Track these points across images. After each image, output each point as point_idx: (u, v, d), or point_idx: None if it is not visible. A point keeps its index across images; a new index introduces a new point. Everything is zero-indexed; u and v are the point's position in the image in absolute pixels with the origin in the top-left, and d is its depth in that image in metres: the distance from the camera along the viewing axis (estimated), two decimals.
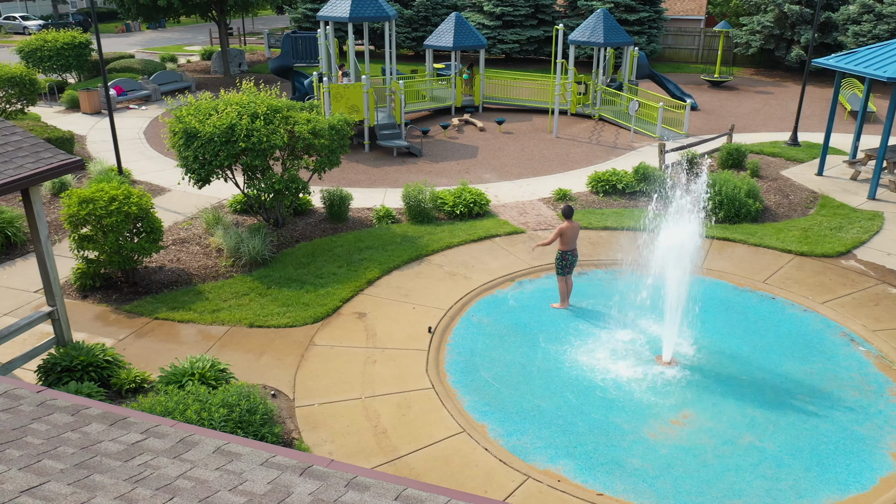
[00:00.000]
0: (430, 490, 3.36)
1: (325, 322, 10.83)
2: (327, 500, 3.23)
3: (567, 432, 8.45)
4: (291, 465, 3.53)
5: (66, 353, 9.05)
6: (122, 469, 3.32)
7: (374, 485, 3.40)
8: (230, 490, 3.23)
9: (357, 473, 3.50)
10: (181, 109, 12.75)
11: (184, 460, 3.51)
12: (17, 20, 48.69)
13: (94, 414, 3.90)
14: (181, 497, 3.11)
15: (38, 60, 25.04)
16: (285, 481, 3.36)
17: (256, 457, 3.58)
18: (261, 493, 3.22)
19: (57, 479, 3.14)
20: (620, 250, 13.16)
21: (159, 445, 3.62)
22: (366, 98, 19.19)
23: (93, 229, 11.23)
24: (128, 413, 3.92)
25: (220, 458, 3.54)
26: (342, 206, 14.36)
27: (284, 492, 3.27)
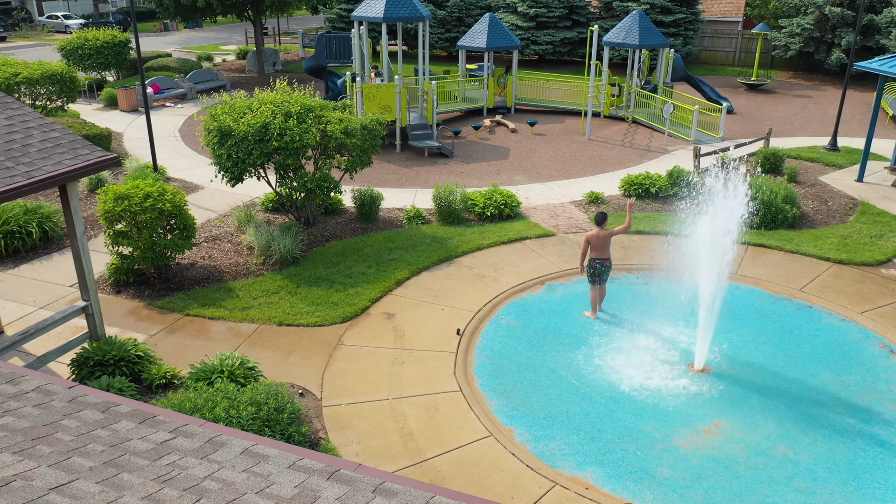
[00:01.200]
0: (458, 498, 3.30)
1: (354, 322, 10.84)
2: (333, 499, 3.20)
3: (595, 439, 8.33)
4: (319, 468, 3.50)
5: (99, 347, 9.18)
6: (150, 468, 3.32)
7: (401, 491, 3.36)
8: (257, 493, 3.21)
9: (384, 479, 3.46)
10: (216, 108, 12.87)
11: (211, 461, 3.50)
12: (59, 19, 49.75)
13: (124, 411, 3.92)
14: (208, 499, 3.10)
15: (78, 59, 25.53)
16: (312, 485, 3.34)
17: (284, 459, 3.56)
18: (288, 497, 3.20)
19: (85, 477, 3.16)
20: (653, 255, 12.97)
21: (187, 445, 3.62)
22: (398, 98, 19.21)
23: (127, 225, 11.37)
24: (157, 412, 3.93)
25: (247, 460, 3.53)
26: (373, 205, 14.38)
27: (311, 496, 3.24)
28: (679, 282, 11.05)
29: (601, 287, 10.97)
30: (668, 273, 12.08)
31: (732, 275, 12.40)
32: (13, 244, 12.92)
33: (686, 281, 10.35)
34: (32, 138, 8.60)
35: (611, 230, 10.70)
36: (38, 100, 19.47)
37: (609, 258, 10.74)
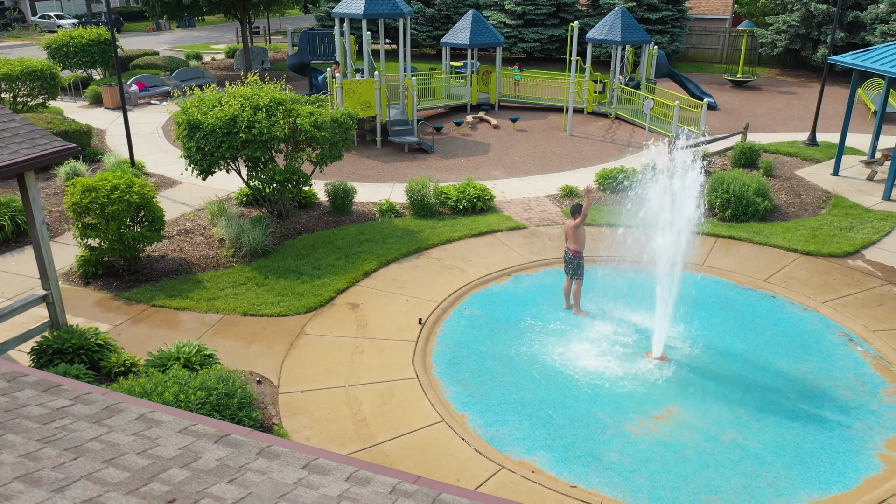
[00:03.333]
0: (337, 460, 3.37)
1: (318, 312, 10.90)
2: (233, 465, 3.26)
3: (547, 424, 8.39)
4: (210, 433, 3.56)
5: (59, 336, 9.24)
6: (37, 430, 3.39)
7: (285, 454, 3.42)
8: (138, 453, 3.28)
9: (272, 443, 3.52)
10: (186, 102, 12.94)
11: (103, 425, 3.57)
12: (51, 18, 49.86)
13: (30, 381, 3.99)
14: (86, 457, 3.16)
15: (64, 56, 25.61)
16: (198, 447, 3.40)
17: (177, 424, 3.62)
18: (168, 457, 3.26)
19: None
20: (620, 246, 13.02)
21: (84, 411, 3.69)
22: (378, 94, 19.27)
23: (96, 217, 11.44)
24: (63, 381, 4.00)
25: (139, 425, 3.60)
26: (345, 199, 14.45)
27: (192, 456, 3.30)
28: (643, 272, 11.11)
29: (569, 280, 10.97)
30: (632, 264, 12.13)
31: (700, 266, 12.47)
32: None
33: (646, 271, 10.42)
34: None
35: (570, 221, 10.75)
36: (18, 96, 19.55)
37: (573, 250, 10.72)
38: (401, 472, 3.29)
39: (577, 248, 10.65)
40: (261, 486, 3.09)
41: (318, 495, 3.06)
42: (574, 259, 10.74)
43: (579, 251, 10.66)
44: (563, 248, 10.94)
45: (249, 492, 3.02)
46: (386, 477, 3.25)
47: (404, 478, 3.26)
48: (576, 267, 10.77)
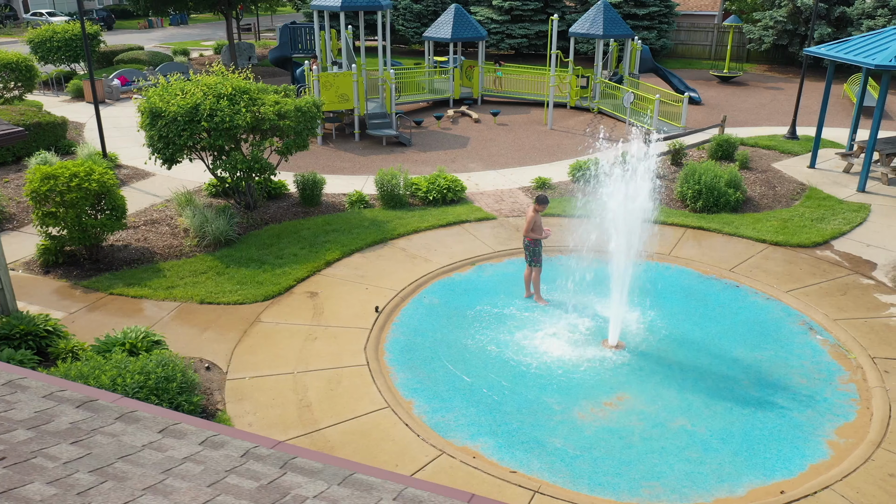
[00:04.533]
0: (197, 425, 3.28)
1: (276, 300, 10.82)
2: (86, 428, 3.18)
3: (494, 411, 8.30)
4: (73, 398, 3.48)
5: (8, 322, 9.15)
6: None
7: (146, 418, 3.33)
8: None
9: (137, 409, 3.43)
10: (150, 91, 12.86)
11: None
12: (43, 16, 49.81)
13: None
14: None
15: (46, 51, 25.53)
16: (55, 412, 3.31)
17: (43, 390, 3.54)
18: (17, 419, 3.18)
19: None
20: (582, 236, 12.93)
21: None
22: (355, 87, 19.19)
23: (55, 206, 11.36)
24: None
25: (7, 388, 3.51)
26: (315, 190, 14.37)
27: (45, 419, 3.22)
28: (600, 260, 11.02)
29: (528, 268, 10.88)
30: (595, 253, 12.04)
31: (665, 255, 12.38)
32: None
33: (605, 259, 10.33)
34: None
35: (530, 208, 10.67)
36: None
37: (529, 237, 10.61)
38: (260, 437, 3.21)
39: (533, 236, 10.57)
40: (105, 447, 3.00)
41: (163, 456, 2.97)
42: (530, 246, 10.66)
43: (535, 238, 10.57)
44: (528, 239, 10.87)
45: (89, 452, 2.93)
46: (243, 441, 3.16)
47: (262, 442, 3.17)
48: (532, 254, 10.69)
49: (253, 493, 2.72)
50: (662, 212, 14.07)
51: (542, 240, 10.64)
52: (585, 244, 11.74)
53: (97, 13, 51.37)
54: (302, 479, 2.89)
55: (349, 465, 3.04)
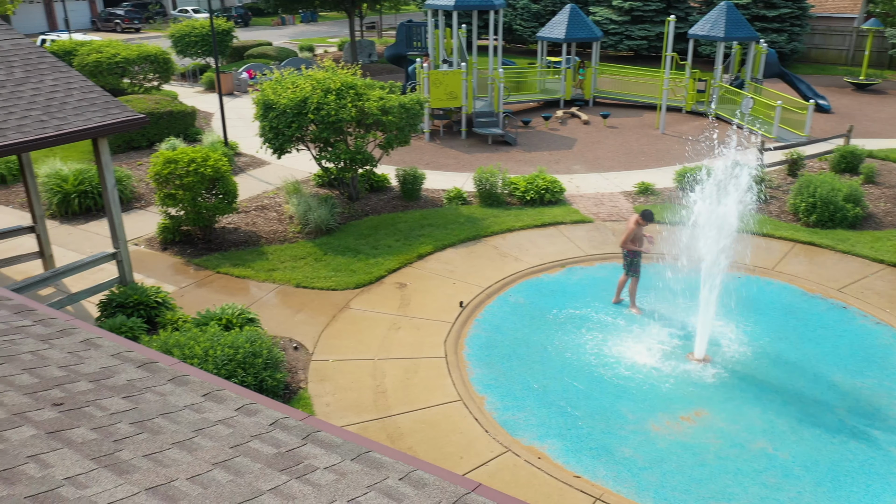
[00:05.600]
0: (239, 393, 3.52)
1: (367, 289, 11.19)
2: (139, 386, 3.50)
3: (565, 414, 8.24)
4: (136, 358, 3.82)
5: (124, 291, 10.01)
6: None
7: (195, 382, 3.62)
8: (62, 366, 3.57)
9: (189, 373, 3.73)
10: (265, 84, 13.61)
11: (53, 345, 3.90)
12: (188, 13, 53.50)
13: (10, 304, 4.41)
14: (10, 364, 3.49)
15: (185, 46, 27.45)
16: (118, 369, 3.66)
17: (113, 349, 3.91)
18: (84, 373, 3.54)
19: None
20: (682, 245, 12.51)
21: (39, 331, 4.04)
22: (464, 85, 19.42)
23: (175, 188, 12.27)
24: (35, 306, 4.40)
25: (81, 346, 3.91)
26: (415, 184, 14.70)
27: (107, 374, 3.56)
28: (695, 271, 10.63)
29: (625, 275, 10.65)
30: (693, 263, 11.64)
31: (768, 270, 11.78)
32: (86, 203, 14.20)
33: (699, 270, 9.97)
34: (71, 97, 9.51)
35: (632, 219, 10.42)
36: (134, 78, 21.20)
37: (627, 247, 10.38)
38: (290, 409, 3.41)
39: (630, 247, 10.35)
40: (151, 404, 3.29)
41: (199, 417, 3.23)
42: (627, 255, 10.45)
43: (633, 250, 10.35)
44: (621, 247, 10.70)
45: (136, 407, 3.23)
46: (274, 411, 3.38)
47: (292, 413, 3.37)
48: (629, 264, 10.48)
49: (269, 458, 2.91)
50: (770, 224, 13.38)
51: (642, 251, 10.42)
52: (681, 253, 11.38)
53: (235, 10, 54.57)
54: (319, 451, 3.05)
55: (367, 443, 3.18)
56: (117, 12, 50.39)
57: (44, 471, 2.49)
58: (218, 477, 2.67)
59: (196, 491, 2.54)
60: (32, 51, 10.12)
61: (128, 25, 49.88)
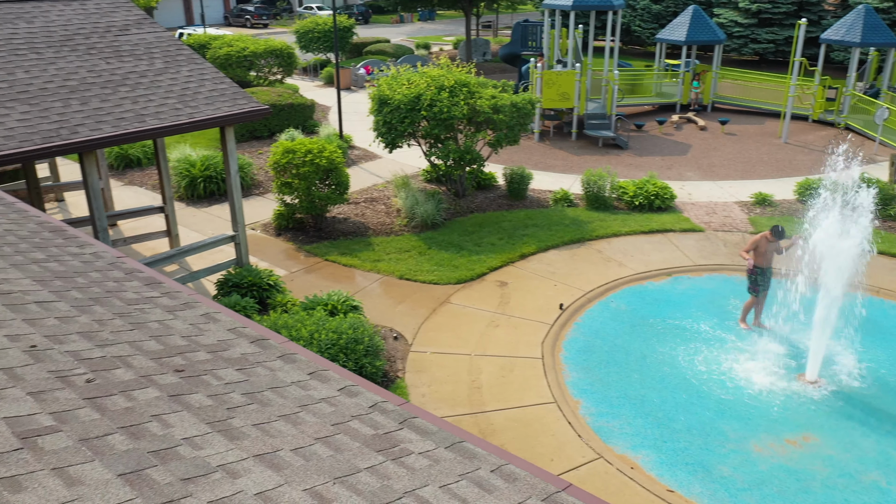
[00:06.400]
0: (342, 375, 3.69)
1: (468, 285, 11.32)
2: (252, 360, 3.73)
3: (662, 426, 8.04)
4: (250, 334, 4.07)
5: (240, 272, 10.60)
6: (121, 307, 4.11)
7: (302, 360, 3.82)
8: (184, 336, 3.86)
9: (296, 352, 3.94)
10: (381, 79, 13.99)
11: (177, 316, 4.22)
12: (313, 9, 55.59)
13: (141, 276, 4.80)
14: (140, 330, 3.80)
15: (308, 41, 28.59)
16: (233, 343, 3.92)
17: (229, 324, 4.18)
18: (203, 343, 3.81)
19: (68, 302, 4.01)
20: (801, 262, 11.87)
21: (166, 303, 4.38)
22: (577, 86, 19.21)
23: (291, 177, 12.85)
24: (163, 280, 4.76)
25: (201, 319, 4.20)
26: (521, 184, 14.71)
27: (224, 347, 3.82)
28: (812, 289, 10.07)
29: (758, 299, 10.17)
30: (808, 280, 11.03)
31: (894, 293, 10.99)
32: (210, 187, 15.10)
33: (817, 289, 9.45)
34: (204, 87, 10.16)
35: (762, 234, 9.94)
36: (259, 71, 22.28)
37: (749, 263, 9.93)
38: (389, 394, 3.54)
39: (747, 257, 9.91)
40: (262, 377, 3.51)
41: (304, 394, 3.41)
42: (750, 272, 10.00)
43: (759, 266, 9.89)
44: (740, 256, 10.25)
45: (247, 379, 3.45)
46: (373, 394, 3.52)
47: (391, 398, 3.50)
48: (750, 281, 10.02)
49: (367, 439, 3.04)
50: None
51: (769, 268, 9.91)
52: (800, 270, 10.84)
53: (357, 8, 56.21)
54: (414, 437, 3.16)
55: (460, 433, 3.25)
56: (248, 8, 53.08)
57: (165, 430, 2.72)
58: (319, 451, 2.82)
59: (299, 462, 2.69)
60: (172, 43, 10.87)
61: (256, 21, 52.42)
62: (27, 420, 2.54)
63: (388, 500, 2.56)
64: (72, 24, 10.37)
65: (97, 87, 9.30)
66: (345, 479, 2.64)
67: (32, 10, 10.36)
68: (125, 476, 2.30)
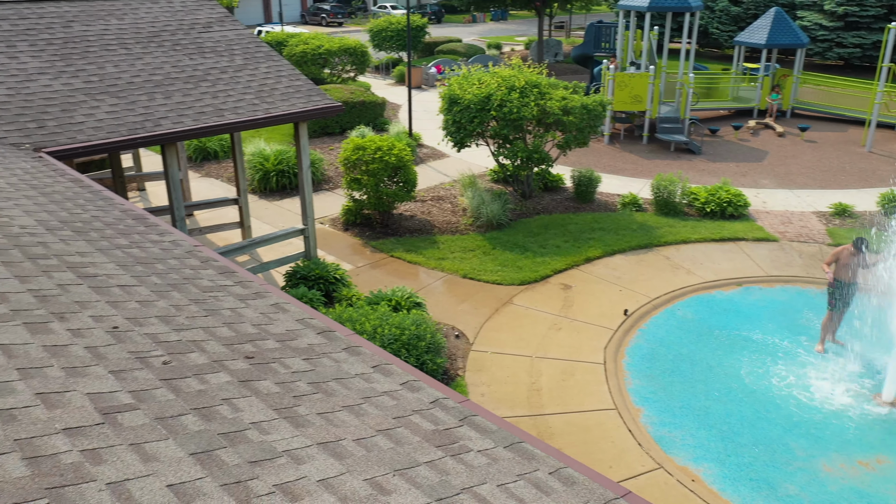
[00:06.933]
0: (405, 369, 3.75)
1: (531, 286, 11.27)
2: (318, 350, 3.83)
3: (727, 440, 7.83)
4: (317, 325, 4.18)
5: (307, 265, 10.85)
6: (196, 293, 4.28)
7: (366, 353, 3.90)
8: (254, 324, 3.99)
9: (361, 345, 4.03)
10: (452, 79, 14.07)
11: (248, 305, 4.37)
12: (387, 8, 56.29)
13: (216, 265, 4.98)
14: (213, 317, 3.95)
15: (381, 40, 28.97)
16: (301, 333, 4.03)
17: (298, 315, 4.30)
18: (273, 332, 3.93)
19: (148, 287, 4.20)
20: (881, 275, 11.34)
21: (238, 291, 4.54)
22: (650, 89, 18.85)
23: (361, 173, 13.07)
24: (237, 269, 4.93)
25: (271, 309, 4.34)
26: (589, 186, 14.55)
27: (293, 336, 3.94)
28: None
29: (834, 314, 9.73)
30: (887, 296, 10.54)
31: None
32: (282, 181, 15.50)
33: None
34: (280, 84, 10.44)
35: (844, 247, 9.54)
36: (333, 69, 22.70)
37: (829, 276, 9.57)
38: (450, 391, 3.58)
39: (837, 276, 9.51)
40: (327, 368, 3.60)
41: (368, 386, 3.48)
42: (829, 286, 9.62)
43: (838, 279, 9.50)
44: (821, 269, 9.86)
45: (314, 369, 3.54)
46: (435, 390, 3.56)
47: (451, 395, 3.54)
48: (829, 295, 9.64)
49: (427, 434, 3.09)
50: None
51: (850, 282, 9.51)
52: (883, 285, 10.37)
53: (430, 7, 56.61)
54: (474, 434, 3.19)
55: (520, 433, 3.27)
56: (324, 7, 54.16)
57: (234, 413, 2.82)
58: (380, 443, 2.88)
59: (360, 452, 2.76)
60: (252, 41, 11.21)
61: (332, 20, 53.44)
62: (108, 397, 2.68)
63: (446, 495, 2.60)
64: (159, 21, 10.82)
65: (180, 82, 9.68)
66: (404, 472, 2.69)
67: (123, 8, 10.85)
68: (196, 455, 2.41)
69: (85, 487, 2.07)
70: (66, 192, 6.18)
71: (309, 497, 2.34)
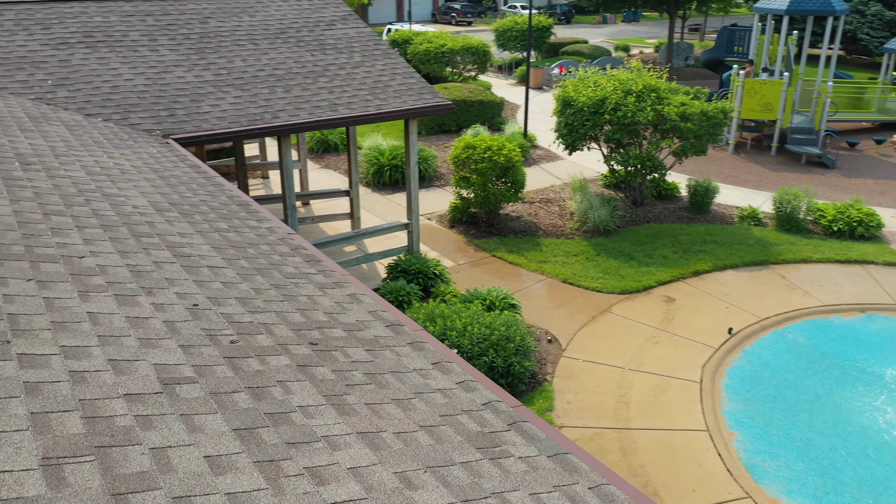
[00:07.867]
0: (463, 367, 3.80)
1: (632, 296, 10.98)
2: (382, 343, 3.94)
3: (826, 475, 7.32)
4: (387, 318, 4.30)
5: (409, 259, 11.10)
6: (279, 279, 4.52)
7: (429, 349, 3.98)
8: (327, 312, 4.16)
9: (426, 341, 4.11)
10: (567, 81, 13.91)
11: (326, 293, 4.56)
12: (516, 8, 56.24)
13: (305, 253, 5.23)
14: (289, 303, 4.16)
15: (506, 40, 29.01)
16: (370, 325, 4.16)
17: (371, 306, 4.44)
18: (343, 322, 4.09)
19: (235, 269, 4.47)
20: None
21: (319, 280, 4.74)
22: (783, 97, 17.80)
23: (469, 172, 13.20)
24: (323, 258, 5.15)
25: (349, 300, 4.50)
26: (705, 197, 13.96)
27: (360, 328, 4.07)
28: None
29: None
30: None
31: None
32: (395, 176, 15.90)
33: None
34: (394, 81, 10.73)
35: None
36: (455, 67, 22.99)
37: None
38: (505, 394, 3.59)
39: None
40: (387, 360, 3.70)
41: (422, 382, 3.55)
42: None
43: None
44: None
45: (373, 360, 3.66)
46: (490, 392, 3.59)
47: (505, 399, 3.55)
48: None
49: (471, 435, 3.12)
50: None
51: None
52: None
53: (560, 7, 56.01)
54: (519, 440, 3.19)
55: (568, 444, 3.23)
56: (454, 6, 54.85)
57: (285, 396, 2.98)
58: (420, 439, 2.94)
59: (398, 446, 2.83)
60: (371, 38, 11.58)
61: (461, 19, 54.03)
62: (172, 369, 2.90)
63: (473, 497, 2.62)
64: (286, 19, 11.40)
65: (300, 77, 10.16)
66: (436, 470, 2.74)
67: (255, 5, 11.51)
68: (238, 431, 2.56)
69: (130, 450, 2.26)
70: (183, 176, 6.67)
71: (335, 482, 2.44)
